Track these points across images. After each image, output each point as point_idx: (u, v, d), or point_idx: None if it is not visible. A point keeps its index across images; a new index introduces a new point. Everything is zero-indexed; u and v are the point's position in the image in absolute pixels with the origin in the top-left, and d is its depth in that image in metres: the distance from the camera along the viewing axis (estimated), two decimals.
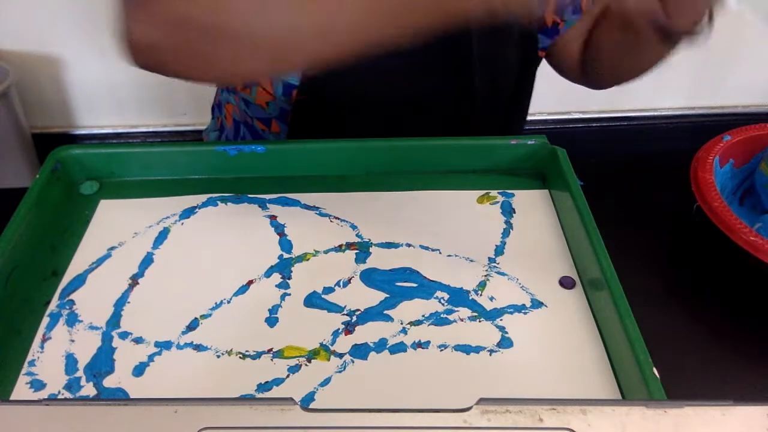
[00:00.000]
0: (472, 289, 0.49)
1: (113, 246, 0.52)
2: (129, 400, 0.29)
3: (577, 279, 0.50)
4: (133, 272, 0.50)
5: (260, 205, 0.56)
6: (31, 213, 0.51)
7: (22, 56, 1.50)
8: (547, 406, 0.28)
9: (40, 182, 0.54)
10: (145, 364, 0.44)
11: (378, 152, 0.59)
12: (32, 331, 0.46)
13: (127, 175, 0.59)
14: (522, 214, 0.56)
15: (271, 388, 0.42)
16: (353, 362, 0.44)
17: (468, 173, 0.60)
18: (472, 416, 0.28)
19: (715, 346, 0.59)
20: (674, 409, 0.28)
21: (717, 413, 0.28)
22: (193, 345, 0.45)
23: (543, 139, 0.59)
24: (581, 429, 0.28)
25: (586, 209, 0.51)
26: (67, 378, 0.43)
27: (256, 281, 0.50)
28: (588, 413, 0.28)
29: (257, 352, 0.45)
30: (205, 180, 0.59)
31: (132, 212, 0.55)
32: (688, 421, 0.28)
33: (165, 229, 0.54)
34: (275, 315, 0.47)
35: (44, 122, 1.60)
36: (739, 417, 0.28)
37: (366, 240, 0.53)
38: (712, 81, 1.68)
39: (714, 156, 0.70)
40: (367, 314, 0.47)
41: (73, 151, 0.57)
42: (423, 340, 0.45)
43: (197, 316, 0.47)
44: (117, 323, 0.46)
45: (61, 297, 0.48)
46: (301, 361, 0.44)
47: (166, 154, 0.58)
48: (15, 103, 1.45)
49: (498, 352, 0.45)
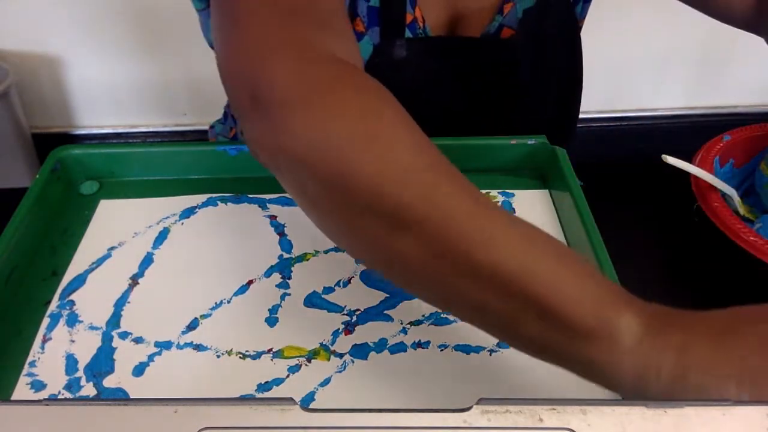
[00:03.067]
0: None
1: (113, 246, 0.52)
2: (129, 400, 0.29)
3: None
4: (133, 272, 0.50)
5: (260, 205, 0.56)
6: (31, 213, 0.51)
7: (22, 56, 1.50)
8: (547, 406, 0.28)
9: (40, 182, 0.54)
10: (145, 364, 0.44)
11: None
12: (32, 332, 0.46)
13: (127, 175, 0.59)
14: (522, 214, 0.56)
15: (271, 388, 0.42)
16: (353, 362, 0.44)
17: (468, 173, 0.59)
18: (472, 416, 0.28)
19: None
20: (674, 409, 0.28)
21: (717, 413, 0.28)
22: (193, 345, 0.45)
23: (543, 139, 0.59)
24: (581, 429, 0.28)
25: (586, 209, 0.51)
26: (67, 378, 0.43)
27: (256, 281, 0.50)
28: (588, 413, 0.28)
29: (257, 352, 0.45)
30: (205, 180, 0.59)
31: (132, 212, 0.55)
32: (688, 421, 0.28)
33: (165, 229, 0.54)
34: (275, 315, 0.47)
35: (44, 122, 1.60)
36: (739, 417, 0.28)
37: None
38: (712, 81, 1.68)
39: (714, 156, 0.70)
40: (367, 314, 0.47)
41: (73, 151, 0.57)
42: (423, 340, 0.45)
43: (197, 316, 0.47)
44: (117, 323, 0.46)
45: (61, 297, 0.48)
46: (301, 361, 0.44)
47: (166, 154, 0.58)
48: (15, 103, 1.45)
49: (498, 352, 0.45)
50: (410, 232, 0.33)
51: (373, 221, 0.34)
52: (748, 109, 1.71)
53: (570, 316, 0.31)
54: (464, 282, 0.33)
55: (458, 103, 0.67)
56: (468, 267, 0.32)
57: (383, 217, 0.33)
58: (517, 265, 0.32)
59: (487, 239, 0.32)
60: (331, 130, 0.34)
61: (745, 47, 1.55)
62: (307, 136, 0.34)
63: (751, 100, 1.71)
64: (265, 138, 0.36)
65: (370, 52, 0.61)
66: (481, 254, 0.32)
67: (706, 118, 1.71)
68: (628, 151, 1.65)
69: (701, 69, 1.65)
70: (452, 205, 0.33)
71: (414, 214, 0.33)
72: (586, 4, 0.68)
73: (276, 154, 0.36)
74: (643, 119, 1.73)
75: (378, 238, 0.34)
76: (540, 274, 0.31)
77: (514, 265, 0.32)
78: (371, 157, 0.34)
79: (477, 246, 0.32)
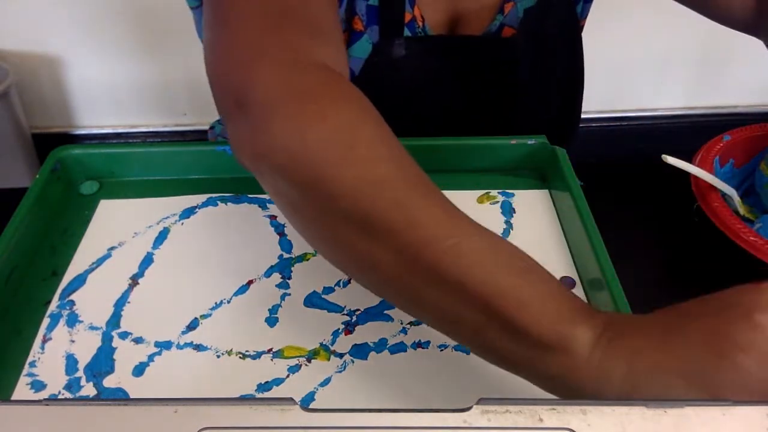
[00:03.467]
0: None
1: (113, 246, 0.52)
2: (129, 400, 0.29)
3: (577, 279, 0.50)
4: (133, 272, 0.50)
5: (260, 205, 0.56)
6: (31, 213, 0.51)
7: (22, 56, 1.50)
8: (547, 406, 0.28)
9: (40, 182, 0.54)
10: (145, 364, 0.44)
11: None
12: (32, 332, 0.46)
13: (127, 175, 0.59)
14: (522, 214, 0.56)
15: (271, 388, 0.42)
16: (353, 362, 0.44)
17: (468, 173, 0.60)
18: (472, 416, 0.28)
19: None
20: (674, 409, 0.28)
21: (717, 413, 0.28)
22: (193, 345, 0.45)
23: (543, 139, 0.59)
24: (581, 429, 0.28)
25: (586, 209, 0.51)
26: (67, 378, 0.43)
27: (256, 281, 0.50)
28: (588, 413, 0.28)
29: (257, 352, 0.45)
30: (205, 180, 0.59)
31: (132, 212, 0.55)
32: (688, 421, 0.28)
33: (165, 229, 0.54)
34: (275, 315, 0.47)
35: (44, 122, 1.60)
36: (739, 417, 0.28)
37: None
38: (712, 81, 1.68)
39: (714, 156, 0.70)
40: (367, 314, 0.47)
41: (73, 151, 0.57)
42: (423, 340, 0.45)
43: (197, 316, 0.47)
44: (117, 323, 0.46)
45: (61, 297, 0.48)
46: (301, 361, 0.44)
47: (166, 154, 0.58)
48: (15, 103, 1.45)
49: None
50: (382, 240, 0.34)
51: (348, 228, 0.35)
52: (748, 109, 1.71)
53: (530, 331, 0.32)
54: (432, 291, 0.34)
55: (457, 102, 0.67)
56: (436, 277, 0.33)
57: (357, 224, 0.34)
58: (482, 278, 0.33)
59: (455, 251, 0.33)
60: (311, 137, 0.35)
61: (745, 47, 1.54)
62: (286, 141, 0.35)
63: (751, 100, 1.71)
64: (246, 141, 0.37)
65: (368, 51, 0.61)
66: (449, 265, 0.33)
67: (706, 118, 1.71)
68: (628, 151, 1.65)
69: (701, 69, 1.65)
70: (423, 216, 0.34)
71: (386, 223, 0.34)
72: (587, 4, 0.68)
73: (257, 158, 0.37)
74: (643, 119, 1.73)
75: (352, 245, 0.35)
76: (504, 287, 0.33)
77: (480, 278, 0.33)
78: (348, 165, 0.34)
79: (444, 257, 0.33)
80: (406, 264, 0.34)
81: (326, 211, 0.35)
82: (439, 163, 0.59)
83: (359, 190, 0.34)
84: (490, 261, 0.33)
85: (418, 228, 0.34)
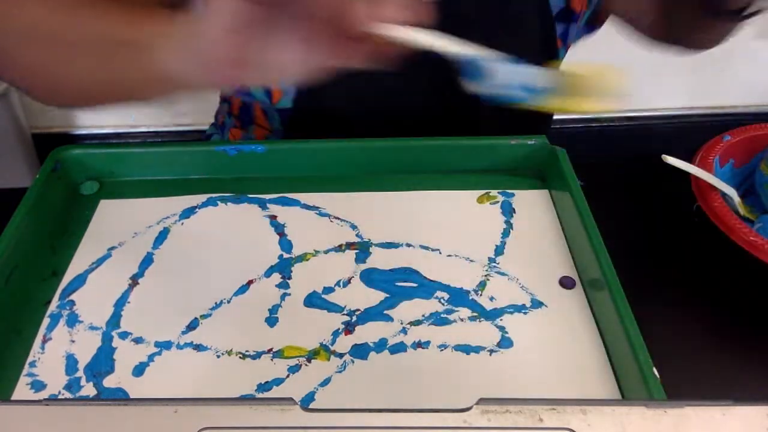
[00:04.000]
0: (472, 289, 0.49)
1: (113, 246, 0.52)
2: (129, 400, 0.29)
3: (577, 279, 0.50)
4: (133, 272, 0.50)
5: (260, 205, 0.56)
6: (31, 213, 0.51)
7: None
8: (547, 406, 0.28)
9: (40, 182, 0.54)
10: (145, 364, 0.44)
11: (378, 152, 0.59)
12: (32, 332, 0.46)
13: (127, 175, 0.59)
14: (522, 214, 0.56)
15: (271, 388, 0.42)
16: (353, 362, 0.44)
17: (468, 173, 0.60)
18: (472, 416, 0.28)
19: (715, 346, 0.59)
20: (674, 409, 0.28)
21: (717, 413, 0.28)
22: (193, 345, 0.45)
23: (543, 139, 0.59)
24: (581, 429, 0.28)
25: (586, 209, 0.51)
26: (67, 378, 0.43)
27: (256, 281, 0.50)
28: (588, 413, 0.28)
29: (257, 352, 0.45)
30: (205, 180, 0.59)
31: (132, 212, 0.55)
32: (688, 421, 0.28)
33: (165, 229, 0.54)
34: (275, 315, 0.47)
35: (44, 122, 1.60)
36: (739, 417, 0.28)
37: (366, 240, 0.53)
38: (712, 81, 1.68)
39: (714, 156, 0.70)
40: (367, 314, 0.47)
41: (73, 151, 0.57)
42: (423, 340, 0.45)
43: (197, 316, 0.47)
44: (117, 323, 0.46)
45: (61, 297, 0.48)
46: (301, 361, 0.44)
47: (166, 154, 0.58)
48: (15, 103, 1.45)
49: (498, 352, 0.45)
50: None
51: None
52: (748, 109, 1.71)
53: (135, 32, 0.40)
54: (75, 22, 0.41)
55: (417, 99, 0.66)
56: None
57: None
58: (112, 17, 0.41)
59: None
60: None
61: (745, 48, 1.55)
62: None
63: (751, 100, 1.71)
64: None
65: None
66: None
67: (706, 118, 1.71)
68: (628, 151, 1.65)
69: (701, 69, 1.65)
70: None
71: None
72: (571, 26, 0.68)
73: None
74: (643, 119, 1.73)
75: None
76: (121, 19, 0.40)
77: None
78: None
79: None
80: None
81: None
82: (439, 163, 0.60)
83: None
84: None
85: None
